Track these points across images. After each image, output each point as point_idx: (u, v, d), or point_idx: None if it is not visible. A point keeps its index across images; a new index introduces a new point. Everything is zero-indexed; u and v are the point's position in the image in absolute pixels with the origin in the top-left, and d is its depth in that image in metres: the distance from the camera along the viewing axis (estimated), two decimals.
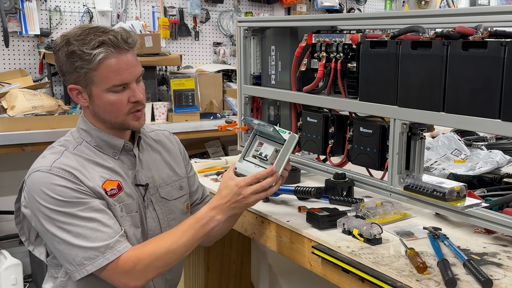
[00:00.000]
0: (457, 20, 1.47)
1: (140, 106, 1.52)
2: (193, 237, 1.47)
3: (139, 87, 1.51)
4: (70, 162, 1.45)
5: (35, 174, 1.44)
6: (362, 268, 1.33)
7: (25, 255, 3.55)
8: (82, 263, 1.39)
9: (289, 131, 1.53)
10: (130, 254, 1.42)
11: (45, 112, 3.27)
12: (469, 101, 1.40)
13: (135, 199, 1.54)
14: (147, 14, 4.24)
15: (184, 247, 1.47)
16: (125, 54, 1.46)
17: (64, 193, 1.40)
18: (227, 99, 3.99)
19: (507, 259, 1.34)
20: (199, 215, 1.49)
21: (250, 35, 2.19)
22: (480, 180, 1.94)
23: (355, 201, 1.71)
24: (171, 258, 1.46)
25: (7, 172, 3.63)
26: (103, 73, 1.44)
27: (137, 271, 1.42)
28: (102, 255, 1.39)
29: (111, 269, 1.40)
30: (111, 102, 1.47)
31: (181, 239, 1.46)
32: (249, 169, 1.53)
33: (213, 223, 1.48)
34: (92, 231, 1.39)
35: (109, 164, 1.52)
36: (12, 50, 3.73)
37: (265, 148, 1.55)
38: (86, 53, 1.42)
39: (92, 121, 1.54)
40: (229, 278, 2.42)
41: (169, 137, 1.77)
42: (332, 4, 4.96)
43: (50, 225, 1.40)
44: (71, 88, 1.49)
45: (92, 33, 1.44)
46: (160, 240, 1.48)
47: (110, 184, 1.48)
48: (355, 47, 1.73)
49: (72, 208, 1.40)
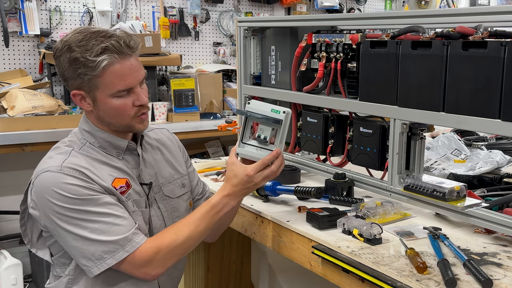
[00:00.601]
0: (457, 20, 1.47)
1: (144, 109, 1.54)
2: (209, 223, 1.52)
3: (143, 90, 1.52)
4: (79, 161, 1.46)
5: (45, 174, 1.43)
6: (362, 268, 1.32)
7: (25, 255, 3.55)
8: (102, 257, 1.40)
9: (283, 109, 1.54)
10: (148, 245, 1.45)
11: (45, 112, 3.27)
12: (469, 101, 1.40)
13: (143, 196, 1.56)
14: (147, 14, 4.24)
15: (201, 233, 1.52)
16: (128, 59, 1.46)
17: (76, 191, 1.40)
18: (227, 99, 3.99)
19: (507, 259, 1.34)
20: (214, 202, 1.53)
21: (250, 35, 2.19)
22: (480, 180, 1.94)
23: (355, 201, 1.71)
24: (190, 245, 1.52)
25: (7, 172, 3.63)
26: (108, 79, 1.44)
27: (158, 260, 1.45)
28: (122, 247, 1.41)
29: (131, 261, 1.43)
30: (116, 107, 1.48)
31: (199, 227, 1.51)
32: (250, 153, 1.56)
33: (226, 208, 1.53)
34: (109, 226, 1.41)
35: (116, 164, 1.53)
36: (12, 50, 3.73)
37: (262, 130, 1.56)
38: (89, 60, 1.41)
39: (95, 124, 1.54)
40: (229, 278, 2.42)
41: (168, 135, 1.78)
42: (332, 4, 4.96)
43: (65, 223, 1.41)
44: (75, 94, 1.49)
45: (93, 38, 1.42)
46: (178, 228, 1.51)
47: (119, 182, 1.50)
48: (355, 47, 1.73)
49: (86, 205, 1.41)
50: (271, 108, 1.54)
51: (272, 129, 1.55)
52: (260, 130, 1.56)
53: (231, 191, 1.52)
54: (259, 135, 1.55)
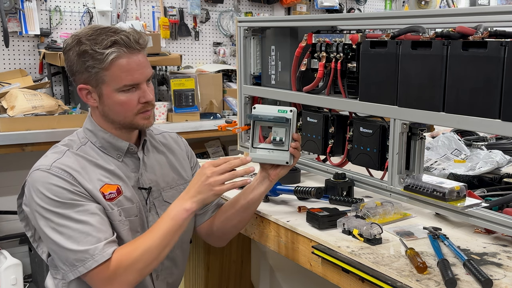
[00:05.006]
0: (457, 20, 1.47)
1: (149, 106, 1.53)
2: (166, 232, 1.42)
3: (149, 88, 1.52)
4: (70, 162, 1.45)
5: (35, 172, 1.44)
6: (362, 268, 1.32)
7: (25, 255, 3.55)
8: (74, 264, 1.39)
9: (289, 108, 1.56)
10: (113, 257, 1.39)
11: (45, 112, 3.27)
12: (469, 101, 1.40)
13: (135, 203, 1.54)
14: (147, 14, 4.24)
15: (158, 245, 1.42)
16: (136, 55, 1.47)
17: (60, 194, 1.40)
18: (227, 99, 3.99)
19: (507, 259, 1.34)
20: (169, 209, 1.46)
21: (250, 35, 2.19)
22: (480, 180, 1.94)
23: (355, 201, 1.71)
24: (149, 258, 1.41)
25: (7, 172, 3.63)
26: (115, 73, 1.44)
27: (119, 275, 1.39)
28: (92, 257, 1.37)
29: (97, 273, 1.38)
30: (121, 102, 1.48)
31: (154, 237, 1.42)
32: (263, 156, 1.57)
33: (182, 214, 1.43)
34: (83, 235, 1.38)
35: (111, 167, 1.51)
36: (12, 50, 3.73)
37: (276, 132, 1.57)
38: (98, 53, 1.42)
39: (99, 122, 1.54)
40: (229, 278, 2.42)
41: (177, 139, 1.76)
42: (332, 4, 4.96)
43: (45, 225, 1.41)
44: (81, 88, 1.49)
45: (103, 33, 1.44)
46: (137, 240, 1.45)
47: (109, 188, 1.48)
48: (355, 47, 1.73)
49: (66, 209, 1.39)
50: (277, 109, 1.56)
51: (286, 130, 1.56)
52: (274, 133, 1.58)
53: (184, 193, 1.46)
54: (275, 138, 1.57)
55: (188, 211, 1.43)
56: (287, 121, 1.55)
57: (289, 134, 1.56)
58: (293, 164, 1.58)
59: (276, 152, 1.56)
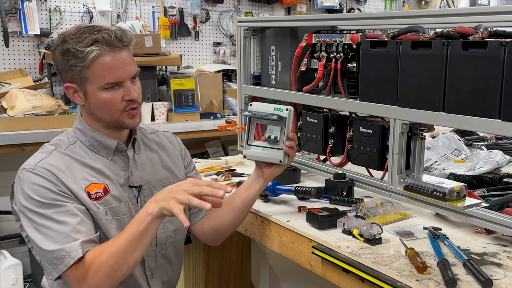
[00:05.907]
0: (457, 20, 1.47)
1: (135, 104, 1.52)
2: (131, 236, 1.37)
3: (135, 86, 1.51)
4: (55, 162, 1.46)
5: (21, 172, 1.46)
6: (362, 268, 1.32)
7: (25, 255, 3.55)
8: (54, 263, 1.38)
9: (285, 106, 1.55)
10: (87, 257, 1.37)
11: (45, 112, 3.27)
12: (469, 101, 1.40)
13: (123, 201, 1.53)
14: (147, 14, 4.24)
15: (124, 248, 1.37)
16: (119, 52, 1.46)
17: (42, 194, 1.40)
18: (227, 99, 3.99)
19: (507, 259, 1.34)
20: (138, 212, 1.42)
21: (250, 35, 2.19)
22: (480, 180, 1.94)
23: (355, 201, 1.71)
24: (116, 262, 1.37)
25: (7, 172, 3.62)
26: (97, 71, 1.44)
27: (89, 277, 1.36)
28: (68, 254, 1.35)
29: (72, 272, 1.37)
30: (105, 100, 1.47)
31: (120, 240, 1.38)
32: (257, 154, 1.57)
33: (145, 217, 1.36)
34: (62, 236, 1.37)
35: (98, 166, 1.51)
36: (12, 50, 3.73)
37: (272, 130, 1.58)
38: (79, 51, 1.42)
39: (88, 121, 1.55)
40: (229, 278, 2.42)
41: (170, 138, 1.76)
42: (332, 4, 4.96)
43: (27, 225, 1.42)
44: (67, 87, 1.50)
45: (87, 31, 1.45)
46: (107, 243, 1.42)
47: (95, 187, 1.47)
48: (355, 47, 1.73)
49: (48, 209, 1.39)
50: (273, 107, 1.56)
51: (281, 129, 1.56)
52: (269, 130, 1.58)
53: (153, 198, 1.40)
54: (269, 136, 1.57)
55: (150, 214, 1.36)
56: (282, 119, 1.54)
57: (285, 132, 1.55)
58: (288, 163, 1.58)
59: (270, 150, 1.56)
